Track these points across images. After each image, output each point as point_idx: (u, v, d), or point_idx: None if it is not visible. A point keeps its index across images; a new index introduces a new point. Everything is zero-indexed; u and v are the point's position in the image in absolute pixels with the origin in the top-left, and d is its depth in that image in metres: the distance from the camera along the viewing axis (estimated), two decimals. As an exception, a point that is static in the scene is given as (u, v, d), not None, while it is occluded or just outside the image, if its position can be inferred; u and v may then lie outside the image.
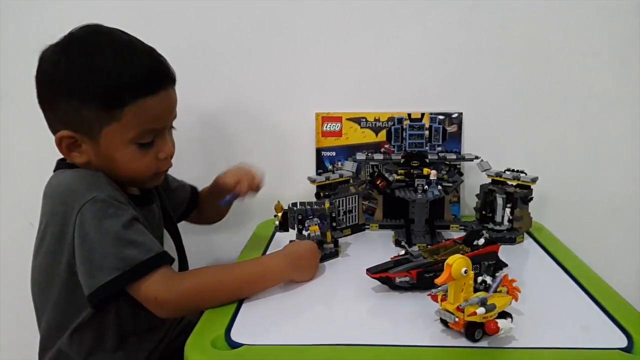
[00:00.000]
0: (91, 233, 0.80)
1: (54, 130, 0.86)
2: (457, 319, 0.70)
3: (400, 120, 1.12)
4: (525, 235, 1.11)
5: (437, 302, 0.74)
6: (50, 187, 0.87)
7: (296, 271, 0.90)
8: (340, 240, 1.07)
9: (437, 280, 0.71)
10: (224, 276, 0.86)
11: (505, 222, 1.09)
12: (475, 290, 0.73)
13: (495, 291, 0.73)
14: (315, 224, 0.98)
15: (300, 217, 0.99)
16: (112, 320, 0.88)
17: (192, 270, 0.88)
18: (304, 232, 0.98)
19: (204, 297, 0.83)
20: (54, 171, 0.91)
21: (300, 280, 0.90)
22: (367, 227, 1.17)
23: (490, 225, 1.10)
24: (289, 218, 1.00)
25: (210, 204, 1.13)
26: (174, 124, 0.94)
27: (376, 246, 1.08)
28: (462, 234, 0.99)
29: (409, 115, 1.12)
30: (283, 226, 1.01)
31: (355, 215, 1.15)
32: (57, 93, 0.84)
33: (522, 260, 1.01)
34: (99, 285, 0.79)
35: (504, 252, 0.94)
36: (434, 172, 1.05)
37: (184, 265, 1.06)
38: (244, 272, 0.88)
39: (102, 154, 0.86)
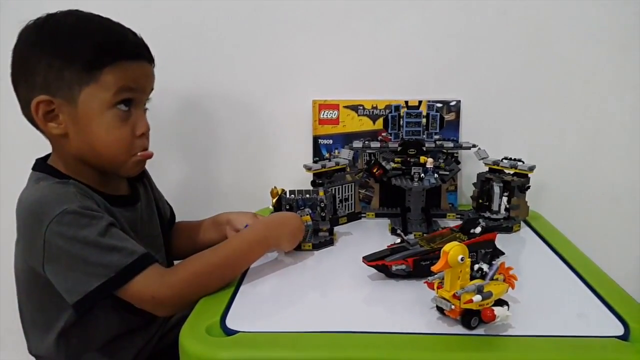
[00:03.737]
0: (66, 245, 0.78)
1: (29, 101, 0.84)
2: (453, 307, 0.70)
3: (397, 108, 1.11)
4: (522, 224, 1.11)
5: (433, 289, 0.73)
6: (20, 203, 0.85)
7: (278, 239, 0.91)
8: (336, 228, 1.07)
9: (434, 268, 0.70)
10: (214, 259, 0.85)
11: (502, 211, 1.09)
12: (472, 278, 0.73)
13: (491, 279, 0.73)
14: (307, 214, 0.98)
15: (288, 207, 0.99)
16: (99, 322, 0.86)
17: (181, 262, 0.86)
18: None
19: (201, 283, 0.82)
20: (32, 169, 0.89)
21: (283, 249, 0.93)
22: (363, 215, 1.17)
23: (487, 214, 1.10)
24: (282, 206, 1.00)
25: (196, 236, 1.09)
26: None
27: (372, 234, 1.07)
28: (459, 222, 0.99)
29: (406, 102, 1.11)
30: (278, 211, 1.01)
31: (351, 204, 1.15)
32: (38, 56, 0.83)
33: (519, 249, 1.01)
34: (87, 292, 0.78)
35: (501, 241, 0.94)
36: (430, 160, 1.04)
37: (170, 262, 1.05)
38: (231, 249, 0.87)
39: (80, 121, 0.84)
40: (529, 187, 1.09)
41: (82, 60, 0.82)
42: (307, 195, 1.01)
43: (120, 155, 0.88)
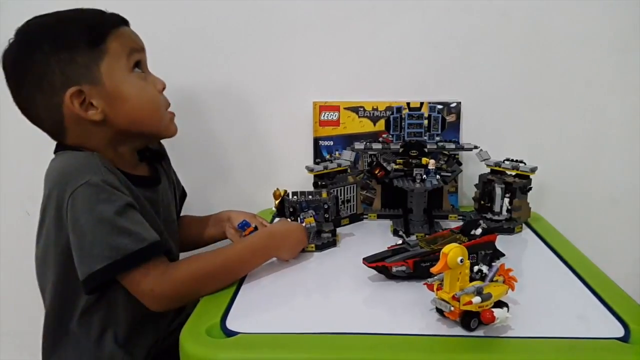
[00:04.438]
0: (82, 218, 0.79)
1: (57, 104, 0.85)
2: (452, 308, 0.70)
3: (399, 110, 1.11)
4: (524, 225, 1.11)
5: (433, 291, 0.73)
6: (47, 172, 0.87)
7: (279, 249, 0.93)
8: (338, 229, 1.07)
9: (433, 269, 0.70)
10: (216, 261, 0.86)
11: (504, 212, 1.09)
12: (472, 279, 0.73)
13: (491, 280, 0.73)
14: (311, 216, 0.98)
15: (291, 210, 0.99)
16: (121, 302, 0.87)
17: (184, 259, 0.87)
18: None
19: (200, 284, 0.83)
20: (54, 153, 0.90)
21: (282, 258, 0.93)
22: (365, 216, 1.17)
23: (489, 215, 1.10)
24: (285, 208, 1.00)
25: (196, 231, 1.11)
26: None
27: (374, 236, 1.08)
28: (461, 223, 0.99)
29: (408, 104, 1.11)
30: (280, 213, 1.01)
31: (353, 205, 1.15)
32: (43, 59, 0.84)
33: (520, 250, 1.01)
34: (90, 273, 0.78)
35: (502, 242, 0.93)
36: (432, 161, 1.04)
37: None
38: (233, 254, 0.89)
39: (111, 96, 0.86)
40: (530, 189, 1.09)
41: (84, 40, 0.85)
42: (310, 197, 1.01)
43: (157, 112, 0.92)
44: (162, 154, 1.05)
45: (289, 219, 1.01)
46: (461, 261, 0.69)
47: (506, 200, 1.08)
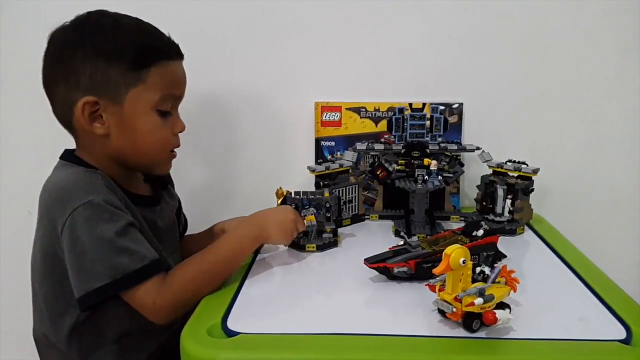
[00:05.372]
0: (83, 237, 0.78)
1: (72, 102, 0.84)
2: (454, 309, 0.70)
3: (401, 110, 1.11)
4: (526, 227, 1.11)
5: (434, 292, 0.73)
6: (48, 183, 0.86)
7: (266, 230, 0.91)
8: (340, 230, 1.07)
9: (435, 270, 0.70)
10: (211, 258, 0.86)
11: (506, 214, 1.09)
12: (474, 280, 0.72)
13: (493, 282, 0.73)
14: (312, 214, 0.98)
15: (293, 206, 0.99)
16: (109, 318, 0.86)
17: (178, 265, 0.86)
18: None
19: (200, 285, 0.83)
20: (60, 158, 0.90)
21: (274, 242, 0.94)
22: (367, 217, 1.17)
23: (491, 217, 1.10)
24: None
25: (195, 247, 1.07)
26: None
27: (376, 236, 1.08)
28: (462, 225, 0.98)
29: (410, 105, 1.11)
30: None
31: (355, 206, 1.15)
32: (81, 57, 0.83)
33: (522, 252, 1.01)
34: (89, 290, 0.78)
35: (504, 244, 0.93)
36: (434, 162, 1.04)
37: None
38: (222, 250, 0.88)
39: (125, 121, 0.85)
40: (532, 190, 1.09)
41: (128, 59, 0.83)
42: (312, 196, 1.01)
43: (159, 153, 0.91)
44: (165, 181, 1.03)
45: None
46: (463, 262, 0.69)
47: (508, 201, 1.08)
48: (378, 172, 1.09)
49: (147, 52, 0.84)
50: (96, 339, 0.88)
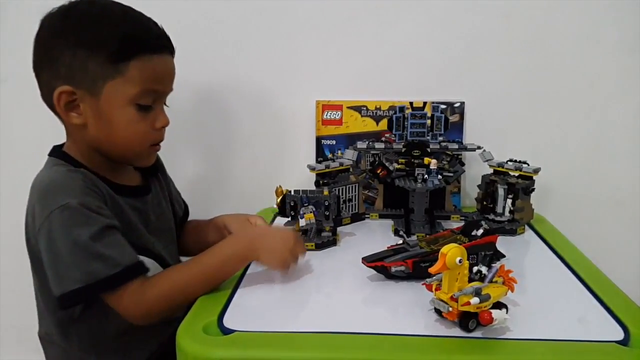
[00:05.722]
0: (58, 241, 0.78)
1: (52, 90, 0.83)
2: (450, 309, 0.70)
3: (402, 109, 1.11)
4: (527, 227, 1.10)
5: (431, 291, 0.73)
6: (35, 181, 0.86)
7: (256, 251, 0.86)
8: (340, 229, 1.07)
9: (432, 269, 0.70)
10: (193, 272, 0.85)
11: (507, 213, 1.08)
12: (470, 280, 0.72)
13: (490, 281, 0.73)
14: (311, 212, 0.98)
15: (292, 204, 0.99)
16: (108, 315, 0.86)
17: (161, 273, 0.86)
18: (300, 220, 0.98)
19: (177, 298, 0.83)
20: (48, 155, 0.90)
21: (264, 264, 0.87)
22: (367, 216, 1.16)
23: (491, 216, 1.09)
24: (286, 202, 1.00)
25: (201, 236, 1.08)
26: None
27: (375, 235, 1.07)
28: (462, 224, 0.98)
29: (411, 104, 1.10)
30: (282, 210, 1.01)
31: (355, 204, 1.14)
32: (62, 45, 0.82)
33: (522, 252, 1.00)
34: (64, 292, 0.78)
35: (505, 244, 0.93)
36: (434, 161, 1.03)
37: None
38: (213, 262, 0.86)
39: (101, 113, 0.84)
40: (533, 190, 1.09)
41: (107, 51, 0.81)
42: (310, 194, 1.01)
43: (137, 147, 0.88)
44: (156, 168, 1.02)
45: (288, 216, 1.00)
46: (460, 262, 0.69)
47: (509, 201, 1.08)
48: (378, 171, 1.08)
49: (128, 45, 0.82)
50: (95, 335, 0.88)
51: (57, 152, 0.90)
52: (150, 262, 0.89)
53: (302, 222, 0.99)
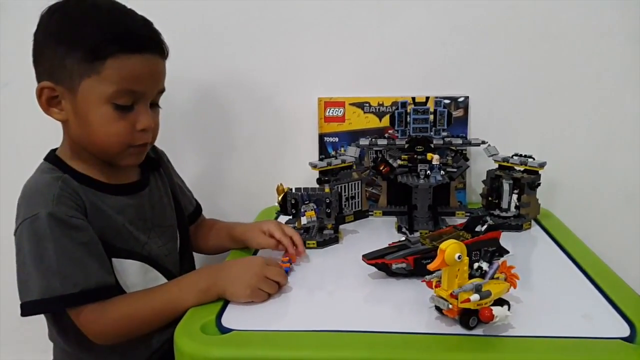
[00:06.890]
0: (24, 250, 0.79)
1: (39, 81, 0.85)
2: (450, 306, 0.68)
3: (404, 105, 1.09)
4: (533, 222, 1.08)
5: (431, 288, 0.72)
6: (23, 186, 0.86)
7: (222, 286, 0.81)
8: (343, 226, 1.06)
9: (430, 266, 0.69)
10: (154, 304, 0.83)
11: (512, 209, 1.07)
12: (471, 276, 0.71)
13: (491, 278, 0.71)
14: (312, 209, 0.97)
15: (293, 202, 0.98)
16: None
17: (120, 301, 0.83)
18: (301, 218, 0.97)
19: (133, 329, 0.83)
20: (43, 159, 0.90)
21: (232, 297, 0.80)
22: (370, 213, 1.15)
23: (497, 212, 1.08)
24: (287, 201, 0.99)
25: (217, 239, 1.07)
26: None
27: (379, 233, 1.06)
28: (466, 220, 0.96)
29: (413, 99, 1.09)
30: (283, 208, 1.00)
31: (358, 202, 1.13)
32: (47, 42, 0.83)
33: (528, 248, 0.99)
34: (24, 301, 0.79)
35: (511, 239, 0.92)
36: (436, 157, 1.02)
37: (187, 258, 1.03)
38: (174, 296, 0.82)
39: (78, 111, 0.84)
40: (539, 184, 1.07)
41: (84, 49, 0.81)
42: (312, 192, 1.00)
43: (114, 147, 0.86)
44: (157, 163, 1.01)
45: (290, 214, 0.99)
46: (459, 258, 0.67)
47: (514, 196, 1.06)
48: (381, 168, 1.07)
49: (104, 43, 0.80)
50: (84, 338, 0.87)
51: (50, 156, 0.90)
52: (139, 264, 0.89)
53: (303, 220, 0.98)
